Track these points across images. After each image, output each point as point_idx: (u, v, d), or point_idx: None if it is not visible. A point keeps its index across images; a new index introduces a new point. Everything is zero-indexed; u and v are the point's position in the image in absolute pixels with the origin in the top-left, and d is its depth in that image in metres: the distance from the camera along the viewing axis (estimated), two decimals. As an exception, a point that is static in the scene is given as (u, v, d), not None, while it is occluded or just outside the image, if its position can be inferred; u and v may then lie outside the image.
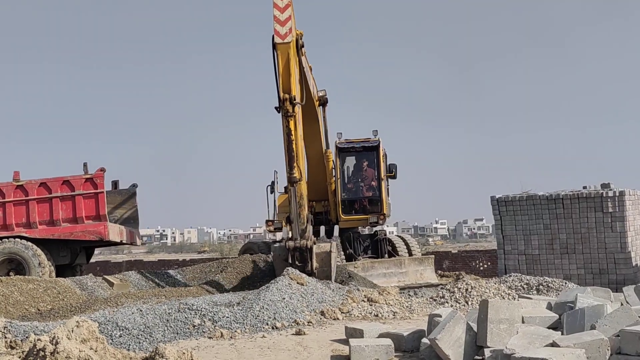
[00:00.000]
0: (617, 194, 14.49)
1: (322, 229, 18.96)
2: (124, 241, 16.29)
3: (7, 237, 14.74)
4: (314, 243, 12.93)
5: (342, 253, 17.00)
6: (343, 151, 18.13)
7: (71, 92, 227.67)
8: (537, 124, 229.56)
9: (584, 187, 15.32)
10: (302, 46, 13.89)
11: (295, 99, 12.71)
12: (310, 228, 13.16)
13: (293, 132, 12.66)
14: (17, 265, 14.63)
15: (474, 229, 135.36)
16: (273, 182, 18.20)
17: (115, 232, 15.39)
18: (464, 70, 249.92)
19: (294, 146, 12.66)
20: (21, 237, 14.74)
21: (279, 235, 32.34)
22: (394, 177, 18.10)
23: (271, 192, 18.21)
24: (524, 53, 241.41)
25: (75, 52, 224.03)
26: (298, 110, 12.93)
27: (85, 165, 15.32)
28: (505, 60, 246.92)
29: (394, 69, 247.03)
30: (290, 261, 12.64)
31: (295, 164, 12.69)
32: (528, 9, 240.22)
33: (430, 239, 77.53)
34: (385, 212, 17.43)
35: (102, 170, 15.15)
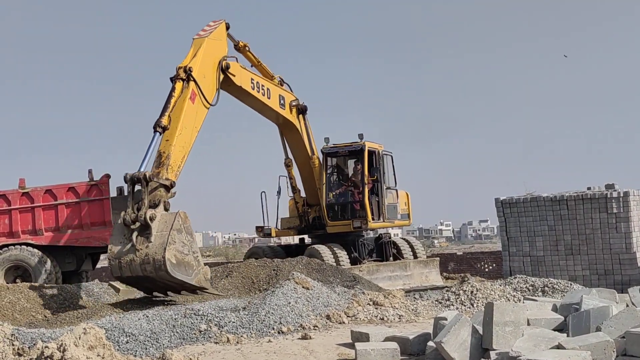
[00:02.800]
0: (622, 195, 14.48)
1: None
2: (130, 247, 16.30)
3: (13, 244, 14.77)
4: (158, 184, 11.43)
5: (347, 256, 16.98)
6: (328, 156, 18.18)
7: (75, 99, 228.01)
8: (541, 126, 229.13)
9: (588, 188, 15.31)
10: (227, 68, 14.31)
11: (191, 71, 12.85)
12: (161, 191, 11.50)
13: (177, 92, 12.57)
14: (23, 272, 14.65)
15: (479, 230, 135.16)
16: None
17: (120, 238, 15.41)
18: (467, 71, 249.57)
19: (172, 100, 12.42)
20: (27, 244, 14.76)
21: (283, 240, 32.47)
22: (377, 180, 17.96)
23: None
24: (528, 55, 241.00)
25: (80, 59, 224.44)
26: (194, 87, 12.93)
27: (90, 171, 15.34)
28: (508, 61, 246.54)
29: (397, 71, 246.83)
30: (125, 210, 11.13)
31: (166, 114, 12.20)
32: (531, 7, 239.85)
33: (435, 241, 77.36)
34: (368, 217, 17.19)
35: (107, 176, 15.17)
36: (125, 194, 16.97)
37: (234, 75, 14.66)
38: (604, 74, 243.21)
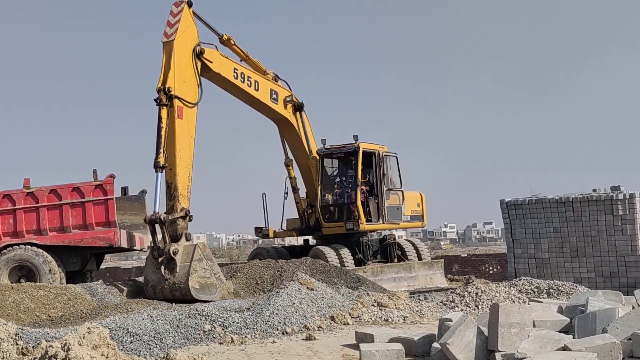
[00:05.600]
0: (627, 197, 14.43)
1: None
2: (134, 247, 16.30)
3: (18, 244, 14.77)
4: (174, 218, 12.82)
5: (352, 258, 16.95)
6: (324, 157, 18.13)
7: (79, 98, 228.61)
8: (547, 127, 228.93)
9: (594, 190, 15.27)
10: (201, 53, 14.14)
11: (170, 91, 13.15)
12: (181, 222, 13.00)
13: (164, 121, 13.06)
14: (27, 272, 14.63)
15: (483, 232, 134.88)
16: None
17: (125, 238, 15.40)
18: (471, 72, 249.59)
19: (162, 133, 12.97)
20: (32, 244, 14.75)
21: (287, 240, 32.41)
22: (368, 182, 17.88)
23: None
24: (530, 57, 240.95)
25: (84, 57, 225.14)
26: (179, 103, 13.32)
27: (94, 171, 15.34)
28: (511, 62, 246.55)
29: (401, 71, 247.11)
30: (151, 243, 12.91)
31: (161, 150, 12.89)
32: (531, 7, 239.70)
33: (441, 243, 77.35)
34: (361, 218, 17.04)
35: (112, 176, 15.16)
36: (130, 194, 17.15)
37: (210, 62, 14.50)
38: (611, 74, 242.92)
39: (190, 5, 14.06)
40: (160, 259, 12.63)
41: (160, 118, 13.09)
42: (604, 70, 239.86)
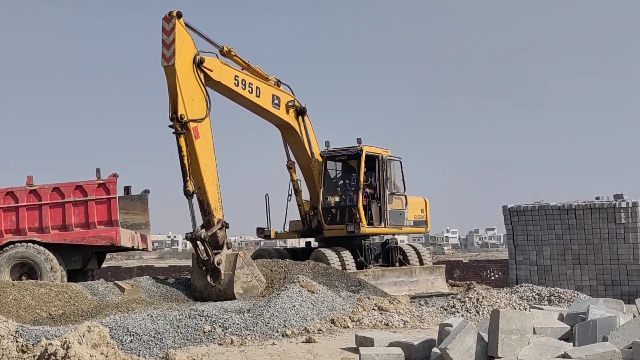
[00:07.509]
0: (630, 205, 14.42)
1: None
2: (136, 247, 16.32)
3: (20, 242, 14.80)
4: (213, 237, 13.57)
5: (353, 261, 16.94)
6: (327, 160, 18.13)
7: (82, 97, 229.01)
8: (549, 134, 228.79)
9: (597, 198, 15.25)
10: (201, 63, 13.98)
11: (183, 118, 13.36)
12: (219, 233, 13.74)
13: (184, 149, 13.43)
14: (29, 270, 14.66)
15: (486, 238, 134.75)
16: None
17: (126, 237, 15.43)
18: (474, 76, 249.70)
19: (185, 161, 13.46)
20: (34, 242, 14.77)
21: (289, 242, 32.39)
22: (370, 185, 17.88)
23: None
24: (535, 61, 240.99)
25: (87, 55, 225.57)
26: (194, 125, 13.55)
27: (98, 170, 15.38)
28: (515, 67, 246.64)
29: (401, 74, 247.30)
30: (195, 255, 13.74)
31: (188, 178, 13.48)
32: (537, 8, 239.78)
33: (445, 248, 77.39)
34: (362, 221, 17.02)
35: (115, 175, 15.21)
36: (132, 194, 17.19)
37: (211, 70, 14.43)
38: (614, 81, 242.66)
39: (180, 16, 13.70)
40: (204, 268, 13.57)
41: (180, 148, 13.42)
42: (607, 75, 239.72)
